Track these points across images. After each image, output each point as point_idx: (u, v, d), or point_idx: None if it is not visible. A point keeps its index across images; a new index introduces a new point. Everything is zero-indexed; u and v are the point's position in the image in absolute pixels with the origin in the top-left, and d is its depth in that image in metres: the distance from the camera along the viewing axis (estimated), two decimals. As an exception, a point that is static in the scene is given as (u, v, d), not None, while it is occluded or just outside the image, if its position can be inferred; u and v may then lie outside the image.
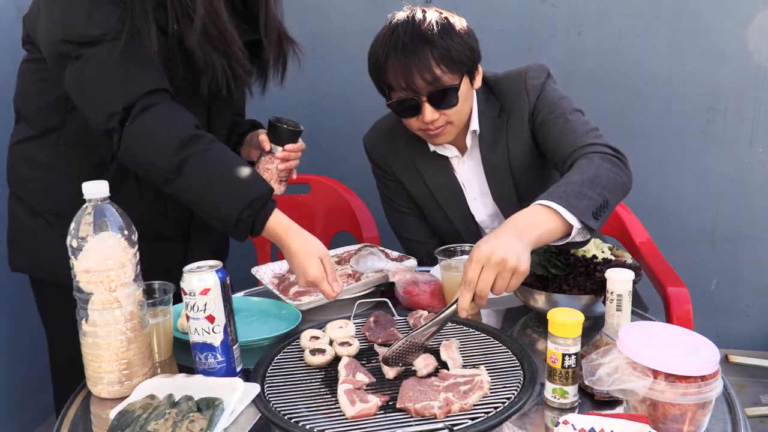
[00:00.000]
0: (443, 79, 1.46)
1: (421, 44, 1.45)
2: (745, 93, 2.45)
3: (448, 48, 1.46)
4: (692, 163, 2.53)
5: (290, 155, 1.47)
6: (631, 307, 1.13)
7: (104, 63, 1.23)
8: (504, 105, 1.61)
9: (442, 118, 1.51)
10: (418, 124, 1.53)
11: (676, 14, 2.43)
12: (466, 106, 1.55)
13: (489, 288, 1.12)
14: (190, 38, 1.28)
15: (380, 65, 1.50)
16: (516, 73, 1.62)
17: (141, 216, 1.40)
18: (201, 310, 1.07)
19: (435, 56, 1.45)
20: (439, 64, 1.45)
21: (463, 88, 1.51)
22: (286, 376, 1.13)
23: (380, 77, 1.52)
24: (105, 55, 1.23)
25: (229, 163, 1.26)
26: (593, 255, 1.27)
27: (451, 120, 1.53)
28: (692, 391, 0.88)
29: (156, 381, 1.08)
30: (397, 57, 1.46)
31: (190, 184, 1.23)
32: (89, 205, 1.04)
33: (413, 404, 0.99)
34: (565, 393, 1.01)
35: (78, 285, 1.05)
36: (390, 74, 1.48)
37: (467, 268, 1.13)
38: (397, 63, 1.46)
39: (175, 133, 1.23)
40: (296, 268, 1.25)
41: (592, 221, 1.23)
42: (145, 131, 1.23)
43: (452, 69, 1.47)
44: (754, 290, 2.62)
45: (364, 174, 1.88)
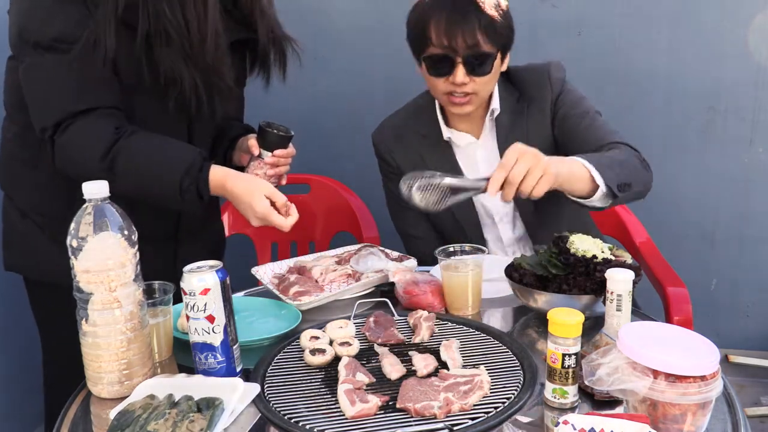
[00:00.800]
0: (483, 45, 1.51)
1: (470, 7, 1.50)
2: (745, 93, 2.45)
3: (493, 19, 1.50)
4: (692, 162, 2.53)
5: (279, 161, 1.46)
6: (631, 307, 1.13)
7: (48, 73, 1.26)
8: (524, 93, 1.66)
9: (470, 85, 1.54)
10: (446, 86, 1.56)
11: (676, 14, 2.43)
12: (492, 81, 1.59)
13: (521, 176, 1.19)
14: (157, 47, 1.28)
15: (425, 18, 1.52)
16: (539, 65, 1.68)
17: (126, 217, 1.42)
18: (201, 310, 1.07)
19: (481, 22, 1.49)
20: (482, 31, 1.49)
21: (496, 60, 1.55)
22: (286, 376, 1.13)
23: (421, 30, 1.53)
24: (49, 65, 1.25)
25: (154, 146, 1.30)
26: (593, 255, 1.27)
27: (477, 90, 1.56)
28: (692, 391, 0.88)
29: (156, 381, 1.08)
30: (445, 14, 1.49)
31: (127, 180, 1.27)
32: (89, 205, 1.04)
33: (413, 404, 0.99)
34: (565, 393, 1.01)
35: (78, 285, 1.05)
36: (433, 29, 1.51)
37: (505, 155, 1.21)
38: (443, 19, 1.49)
39: (98, 139, 1.27)
40: (244, 210, 1.29)
41: (616, 190, 1.34)
42: (70, 144, 1.27)
43: (492, 40, 1.52)
44: (754, 290, 2.62)
45: (364, 174, 1.88)
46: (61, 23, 1.24)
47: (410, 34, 1.59)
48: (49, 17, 1.24)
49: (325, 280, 1.48)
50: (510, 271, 1.36)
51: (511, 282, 1.35)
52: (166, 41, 1.27)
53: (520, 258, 1.37)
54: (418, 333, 1.25)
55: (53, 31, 1.24)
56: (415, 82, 1.71)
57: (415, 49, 1.59)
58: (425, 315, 1.30)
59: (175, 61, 1.29)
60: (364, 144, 1.85)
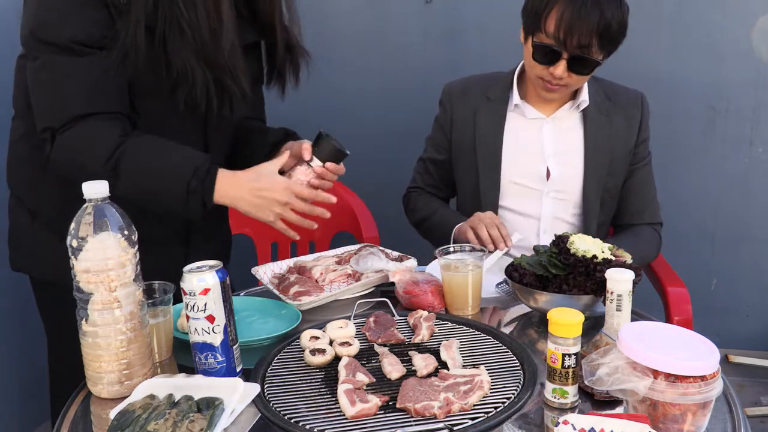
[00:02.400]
0: (593, 49, 1.55)
1: (595, 9, 1.51)
2: (746, 93, 2.45)
3: (612, 24, 1.53)
4: (692, 163, 2.53)
5: (327, 174, 1.41)
6: (631, 307, 1.13)
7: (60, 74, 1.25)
8: (611, 97, 1.75)
9: (566, 79, 1.60)
10: (544, 72, 1.61)
11: (676, 14, 2.43)
12: (588, 79, 1.66)
13: None
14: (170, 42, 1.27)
15: (548, 5, 1.54)
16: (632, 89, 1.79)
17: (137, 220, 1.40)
18: (201, 310, 1.07)
19: (599, 26, 1.51)
20: (598, 35, 1.53)
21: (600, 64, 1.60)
22: (286, 376, 1.13)
23: (542, 12, 1.55)
24: (63, 65, 1.24)
25: (160, 148, 1.28)
26: (593, 255, 1.27)
27: (572, 85, 1.64)
28: (692, 391, 0.88)
29: (156, 381, 1.08)
30: (570, 10, 1.51)
31: (131, 182, 1.25)
32: (89, 205, 1.04)
33: (413, 404, 0.99)
34: (565, 393, 1.01)
35: (78, 285, 1.05)
36: (552, 20, 1.53)
37: None
38: (566, 15, 1.51)
39: (103, 141, 1.26)
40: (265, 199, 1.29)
41: None
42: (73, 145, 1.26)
43: (603, 46, 1.56)
44: (754, 290, 2.62)
45: (365, 174, 1.88)
46: (80, 25, 1.23)
47: (529, 8, 1.60)
48: (69, 18, 1.23)
49: (325, 280, 1.48)
50: (510, 271, 1.37)
51: (511, 282, 1.35)
52: (179, 34, 1.26)
53: (520, 258, 1.38)
54: (418, 333, 1.25)
55: (71, 32, 1.23)
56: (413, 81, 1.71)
57: (528, 26, 1.61)
58: (425, 315, 1.30)
59: (187, 56, 1.27)
60: (363, 143, 1.85)
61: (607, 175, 1.73)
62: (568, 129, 1.74)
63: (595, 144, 1.72)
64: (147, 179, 1.27)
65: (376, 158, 2.52)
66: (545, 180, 1.73)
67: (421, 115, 2.07)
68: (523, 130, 1.76)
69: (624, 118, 1.74)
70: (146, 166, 1.27)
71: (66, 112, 1.26)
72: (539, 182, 1.74)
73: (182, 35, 1.26)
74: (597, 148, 1.72)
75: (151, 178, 1.27)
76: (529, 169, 1.75)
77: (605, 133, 1.72)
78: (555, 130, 1.74)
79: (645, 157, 1.78)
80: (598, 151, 1.72)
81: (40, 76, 1.28)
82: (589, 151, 1.72)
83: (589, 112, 1.73)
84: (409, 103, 2.62)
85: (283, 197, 1.31)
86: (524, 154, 1.75)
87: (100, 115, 1.27)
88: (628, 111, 1.75)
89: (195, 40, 1.27)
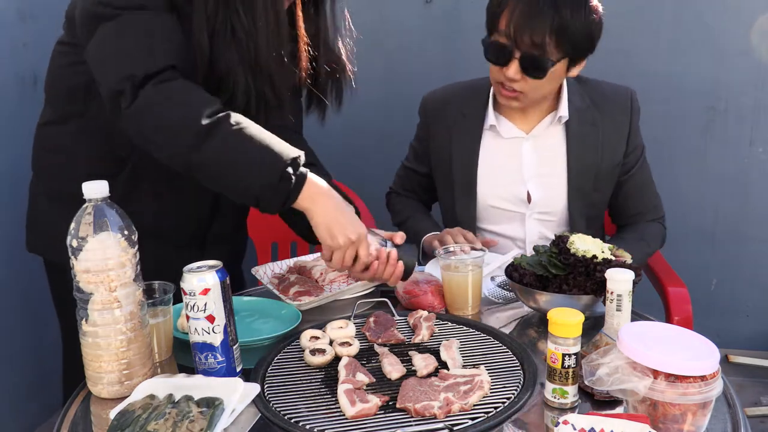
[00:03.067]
0: (546, 48, 1.46)
1: (550, 8, 1.44)
2: (745, 93, 2.45)
3: (569, 23, 1.45)
4: (692, 163, 2.53)
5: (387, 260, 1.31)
6: (631, 307, 1.13)
7: (138, 28, 1.20)
8: (599, 105, 1.66)
9: (521, 84, 1.52)
10: (499, 75, 1.55)
11: (676, 14, 2.43)
12: (548, 86, 1.56)
13: None
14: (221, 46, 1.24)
15: (501, 4, 1.49)
16: (622, 87, 1.70)
17: (155, 217, 1.39)
18: (201, 310, 1.07)
19: (553, 24, 1.44)
20: (552, 33, 1.45)
21: (557, 68, 1.51)
22: (286, 376, 1.13)
23: (495, 15, 1.51)
24: (141, 21, 1.20)
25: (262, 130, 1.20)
26: (593, 255, 1.27)
27: (527, 91, 1.54)
28: (692, 391, 0.88)
29: (156, 381, 1.08)
30: (522, 7, 1.45)
31: (225, 145, 1.16)
32: (89, 205, 1.04)
33: (413, 404, 0.99)
34: (565, 393, 1.01)
35: (78, 285, 1.05)
36: (504, 17, 1.48)
37: None
38: (518, 12, 1.45)
39: (205, 97, 1.18)
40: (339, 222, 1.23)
41: None
42: (169, 96, 1.17)
43: (561, 45, 1.47)
44: (754, 290, 2.62)
45: (365, 174, 1.89)
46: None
47: (488, 9, 1.56)
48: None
49: (325, 280, 1.48)
50: (510, 271, 1.36)
51: (511, 282, 1.35)
52: (232, 40, 1.24)
53: (520, 258, 1.38)
54: (418, 333, 1.25)
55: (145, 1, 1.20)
56: (413, 81, 1.71)
57: (487, 28, 1.57)
58: (425, 315, 1.30)
59: (234, 63, 1.25)
60: (363, 143, 1.85)
61: (593, 192, 1.67)
62: (549, 147, 1.66)
63: (578, 162, 1.64)
64: (242, 150, 1.17)
65: (375, 158, 2.51)
66: (526, 203, 1.68)
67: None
68: (499, 151, 1.69)
69: (612, 127, 1.65)
70: (248, 136, 1.17)
71: (158, 60, 1.18)
72: (520, 205, 1.69)
73: (235, 41, 1.24)
74: (580, 167, 1.64)
75: (248, 151, 1.17)
76: (508, 192, 1.68)
77: (590, 148, 1.64)
78: (535, 149, 1.67)
79: (637, 161, 1.71)
80: (581, 169, 1.64)
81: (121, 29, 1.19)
82: (572, 170, 1.65)
83: (571, 125, 1.64)
84: (409, 104, 2.61)
85: (353, 235, 1.24)
86: (502, 177, 1.68)
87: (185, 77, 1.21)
88: (616, 118, 1.66)
89: (248, 48, 1.24)
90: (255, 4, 1.23)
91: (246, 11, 1.23)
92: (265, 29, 1.24)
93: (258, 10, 1.24)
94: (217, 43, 1.25)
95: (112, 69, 1.19)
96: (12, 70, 2.11)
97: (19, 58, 2.13)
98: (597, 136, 1.65)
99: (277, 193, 1.18)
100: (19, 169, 1.60)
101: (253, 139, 1.18)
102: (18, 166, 1.92)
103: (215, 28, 1.24)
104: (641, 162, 1.72)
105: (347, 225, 1.24)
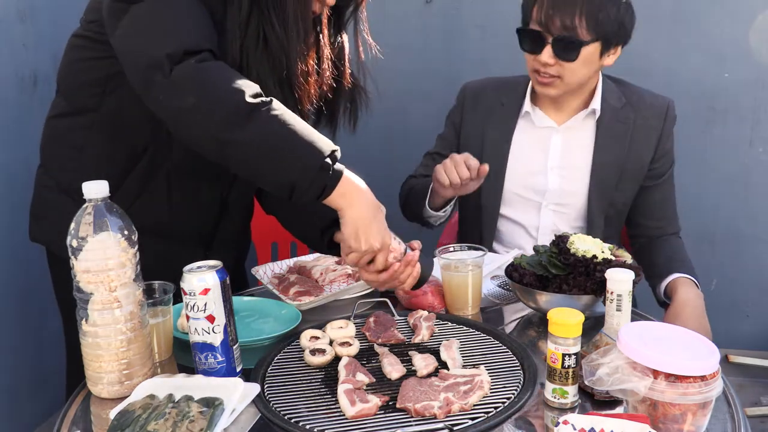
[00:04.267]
0: (578, 30, 1.52)
1: None
2: (745, 93, 2.45)
3: (600, 8, 1.51)
4: (692, 163, 2.53)
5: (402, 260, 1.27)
6: (631, 307, 1.13)
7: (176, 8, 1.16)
8: (633, 104, 1.69)
9: (556, 68, 1.57)
10: (534, 63, 1.59)
11: (676, 14, 2.43)
12: (584, 69, 1.59)
13: None
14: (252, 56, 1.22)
15: None
16: (661, 95, 1.74)
17: (165, 214, 1.39)
18: (201, 310, 1.07)
19: (583, 8, 1.51)
20: (582, 16, 1.51)
21: (590, 49, 1.55)
22: (286, 376, 1.13)
23: (528, 5, 1.59)
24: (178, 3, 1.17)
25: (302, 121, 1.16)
26: (593, 255, 1.27)
27: (563, 75, 1.58)
28: (692, 391, 0.88)
29: (156, 381, 1.08)
30: None
31: (268, 128, 1.11)
32: (89, 205, 1.04)
33: (413, 404, 0.99)
34: (565, 393, 1.01)
35: (78, 285, 1.05)
36: (536, 6, 1.55)
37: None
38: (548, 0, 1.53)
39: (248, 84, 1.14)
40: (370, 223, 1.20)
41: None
42: (213, 71, 1.13)
43: (591, 27, 1.52)
44: (754, 290, 2.62)
45: (364, 174, 1.87)
46: None
47: (522, 6, 1.63)
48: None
49: (325, 280, 1.48)
50: (510, 271, 1.37)
51: (511, 282, 1.35)
52: (264, 46, 1.23)
53: (520, 258, 1.38)
54: (418, 333, 1.25)
55: None
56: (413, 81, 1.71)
57: (522, 21, 1.63)
58: (425, 315, 1.30)
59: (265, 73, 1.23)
60: (363, 143, 1.85)
61: (615, 191, 1.69)
62: (578, 140, 1.70)
63: (604, 159, 1.67)
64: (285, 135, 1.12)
65: (375, 158, 2.51)
66: (543, 192, 1.71)
67: (420, 115, 2.07)
68: (530, 140, 1.73)
69: (644, 130, 1.68)
70: (291, 122, 1.13)
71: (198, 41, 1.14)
72: (538, 194, 1.72)
73: (267, 51, 1.23)
74: (606, 164, 1.67)
75: (290, 137, 1.12)
76: (530, 180, 1.73)
77: (618, 143, 1.67)
78: (564, 141, 1.71)
79: (666, 172, 1.72)
80: (607, 166, 1.67)
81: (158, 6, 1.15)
82: (596, 166, 1.67)
83: (603, 122, 1.67)
84: (409, 103, 2.62)
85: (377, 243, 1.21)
86: (528, 165, 1.73)
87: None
88: (649, 122, 1.69)
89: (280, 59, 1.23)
90: (287, 15, 1.22)
91: (279, 21, 1.22)
92: (296, 40, 1.23)
93: (290, 22, 1.22)
94: (247, 52, 1.23)
95: (147, 41, 1.14)
96: (12, 70, 2.11)
97: (19, 58, 2.13)
98: (627, 133, 1.68)
99: (314, 183, 1.14)
100: (20, 169, 1.60)
101: (296, 127, 1.13)
102: (18, 166, 1.93)
103: (247, 33, 1.22)
104: (669, 174, 1.74)
105: (375, 232, 1.21)
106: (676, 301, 1.47)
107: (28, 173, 1.49)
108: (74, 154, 1.38)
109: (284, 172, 1.13)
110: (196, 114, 1.11)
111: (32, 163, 1.49)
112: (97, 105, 1.34)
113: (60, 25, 1.39)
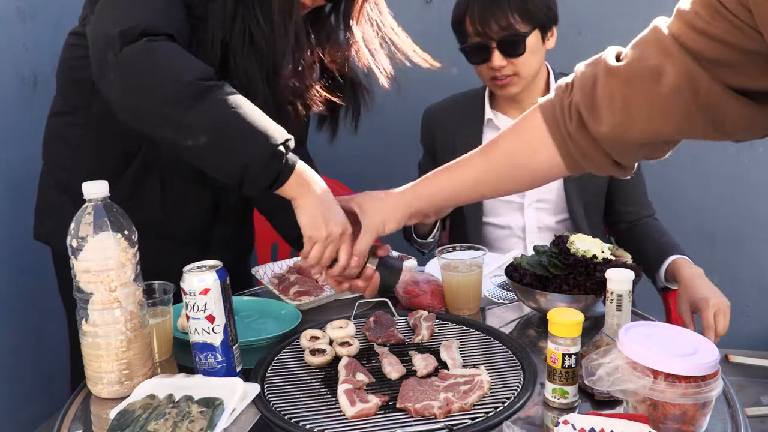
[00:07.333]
0: (515, 26, 1.61)
1: None
2: (745, 93, 2.45)
3: (526, 0, 1.60)
4: (692, 163, 2.53)
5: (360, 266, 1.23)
6: (631, 307, 1.13)
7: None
8: None
9: (509, 67, 1.65)
10: (488, 72, 1.67)
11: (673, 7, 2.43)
12: (534, 59, 1.67)
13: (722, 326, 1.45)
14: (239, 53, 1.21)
15: (462, 12, 1.66)
16: None
17: (160, 214, 1.39)
18: (201, 310, 1.07)
19: (511, 5, 1.60)
20: (513, 12, 1.60)
21: (532, 39, 1.64)
22: (286, 376, 1.13)
23: (460, 24, 1.67)
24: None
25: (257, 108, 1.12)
26: (593, 255, 1.27)
27: (518, 71, 1.65)
28: (692, 391, 0.88)
29: (156, 381, 1.08)
30: (478, 4, 1.62)
31: (216, 111, 1.06)
32: (89, 205, 1.04)
33: (413, 404, 0.99)
34: (565, 393, 1.01)
35: (78, 285, 1.05)
36: (468, 21, 1.64)
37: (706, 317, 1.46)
38: (477, 9, 1.62)
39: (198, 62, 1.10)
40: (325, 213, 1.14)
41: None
42: (164, 51, 1.08)
43: (525, 19, 1.61)
44: (754, 290, 2.62)
45: (364, 174, 1.88)
46: None
47: (454, 32, 1.71)
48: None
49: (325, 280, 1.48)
50: (510, 271, 1.37)
51: (511, 282, 1.35)
52: (250, 43, 1.21)
53: (520, 258, 1.38)
54: (418, 333, 1.25)
55: None
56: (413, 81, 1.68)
57: (459, 39, 1.70)
58: (425, 315, 1.30)
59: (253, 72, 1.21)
60: (362, 143, 1.85)
61: (588, 178, 1.69)
62: None
63: None
64: (235, 120, 1.07)
65: (374, 158, 2.51)
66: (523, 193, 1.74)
67: (419, 116, 2.06)
68: None
69: None
70: (243, 108, 1.08)
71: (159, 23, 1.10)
72: (518, 195, 1.76)
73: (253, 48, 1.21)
74: None
75: (240, 122, 1.07)
76: None
77: None
78: None
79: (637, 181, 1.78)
80: None
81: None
82: None
83: None
84: (408, 104, 2.61)
85: (338, 228, 1.16)
86: None
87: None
88: None
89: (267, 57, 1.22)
90: (272, 11, 1.20)
91: (265, 17, 1.20)
92: (283, 36, 1.22)
93: (275, 18, 1.21)
94: (234, 50, 1.21)
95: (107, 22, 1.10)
96: (12, 70, 2.11)
97: (19, 58, 2.13)
98: None
99: (265, 171, 1.08)
100: (20, 169, 1.60)
101: (248, 111, 1.08)
102: (18, 166, 1.93)
103: (233, 31, 1.20)
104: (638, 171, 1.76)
105: (334, 215, 1.15)
106: (683, 278, 1.57)
107: (28, 173, 1.49)
108: (70, 152, 1.39)
109: (233, 157, 1.08)
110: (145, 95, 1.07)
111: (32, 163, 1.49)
112: (87, 103, 1.35)
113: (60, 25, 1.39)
